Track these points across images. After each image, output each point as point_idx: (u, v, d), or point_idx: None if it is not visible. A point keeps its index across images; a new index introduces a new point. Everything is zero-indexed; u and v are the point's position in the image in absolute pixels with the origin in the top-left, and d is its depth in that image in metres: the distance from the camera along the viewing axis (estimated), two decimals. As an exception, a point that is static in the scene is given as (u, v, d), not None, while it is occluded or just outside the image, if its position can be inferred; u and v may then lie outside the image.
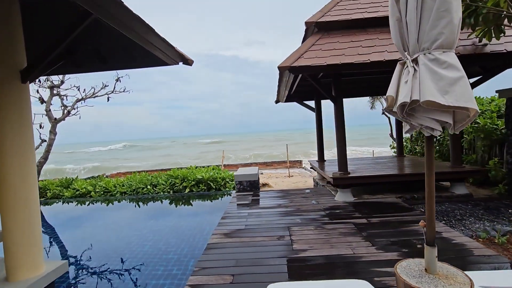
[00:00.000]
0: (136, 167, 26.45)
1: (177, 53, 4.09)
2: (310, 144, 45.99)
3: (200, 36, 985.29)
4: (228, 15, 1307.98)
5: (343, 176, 5.06)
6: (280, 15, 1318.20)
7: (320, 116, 7.47)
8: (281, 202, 5.38)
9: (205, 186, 7.91)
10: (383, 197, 5.18)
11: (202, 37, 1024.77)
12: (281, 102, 8.50)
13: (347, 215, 4.32)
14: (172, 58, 4.09)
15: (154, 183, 8.15)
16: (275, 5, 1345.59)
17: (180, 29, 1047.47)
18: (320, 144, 7.52)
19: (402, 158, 7.24)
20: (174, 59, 4.14)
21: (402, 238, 3.34)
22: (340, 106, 5.17)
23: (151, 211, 6.56)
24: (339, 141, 5.21)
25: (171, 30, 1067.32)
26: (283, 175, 15.16)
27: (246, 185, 6.63)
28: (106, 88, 9.96)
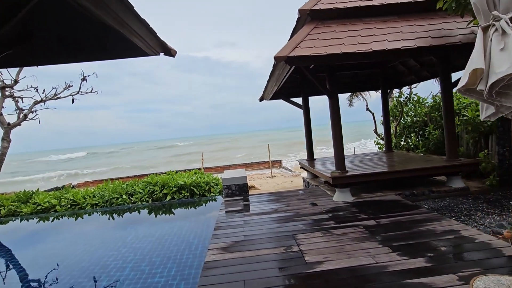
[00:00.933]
0: (102, 175, 24.74)
1: (158, 42, 3.53)
2: (289, 143, 46.27)
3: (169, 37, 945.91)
4: (198, 16, 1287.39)
5: (342, 175, 4.76)
6: (251, 15, 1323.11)
7: (308, 113, 7.18)
8: (276, 206, 4.96)
9: (188, 192, 7.28)
10: (382, 195, 4.95)
11: (171, 38, 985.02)
12: (266, 100, 8.11)
13: (353, 217, 4.00)
14: (153, 47, 3.52)
15: (130, 192, 7.37)
16: (245, 5, 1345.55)
17: None
18: (309, 142, 7.22)
19: (391, 153, 7.15)
20: (154, 48, 3.57)
21: (421, 241, 3.05)
22: (335, 101, 4.87)
23: (129, 225, 5.84)
24: (336, 138, 4.91)
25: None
26: (266, 176, 14.80)
27: (235, 189, 6.13)
28: (70, 88, 8.95)
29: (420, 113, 7.96)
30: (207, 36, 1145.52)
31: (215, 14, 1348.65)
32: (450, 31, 4.06)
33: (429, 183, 5.34)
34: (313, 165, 6.64)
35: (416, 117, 8.22)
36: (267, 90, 6.62)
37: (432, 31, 4.09)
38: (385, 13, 4.45)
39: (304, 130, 7.22)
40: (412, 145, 8.01)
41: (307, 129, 7.19)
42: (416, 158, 5.96)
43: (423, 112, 7.91)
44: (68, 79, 9.23)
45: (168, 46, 3.67)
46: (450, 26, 4.16)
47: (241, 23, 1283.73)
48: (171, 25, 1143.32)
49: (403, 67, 7.32)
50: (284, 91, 8.06)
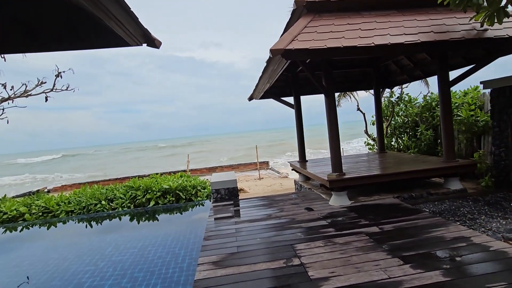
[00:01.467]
0: (75, 179, 23.57)
1: (141, 30, 3.12)
2: (275, 144, 46.15)
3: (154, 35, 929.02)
4: (182, 15, 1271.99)
5: (340, 178, 4.50)
6: (236, 16, 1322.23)
7: (300, 113, 6.91)
8: (270, 212, 4.63)
9: (173, 197, 6.83)
10: (380, 198, 4.73)
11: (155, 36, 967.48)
12: (256, 99, 7.78)
13: (354, 223, 3.73)
14: (134, 36, 3.10)
15: (110, 197, 6.82)
16: (230, 6, 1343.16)
17: None
18: (301, 144, 6.95)
19: (385, 154, 7.00)
20: (136, 37, 3.15)
21: (433, 250, 2.81)
22: (332, 100, 4.61)
23: (108, 235, 5.33)
24: (332, 138, 4.65)
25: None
26: (253, 178, 14.47)
27: (224, 193, 5.75)
28: (43, 85, 8.25)
29: (411, 113, 7.89)
30: (191, 36, 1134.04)
31: (200, 13, 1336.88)
32: (452, 26, 3.90)
33: (426, 185, 5.19)
34: (306, 167, 6.37)
35: (407, 118, 8.14)
36: (258, 88, 6.29)
37: (434, 26, 3.90)
38: (385, 7, 4.24)
39: (296, 131, 6.95)
40: (403, 146, 7.92)
41: (299, 129, 6.92)
42: (411, 159, 5.80)
43: (414, 112, 7.84)
44: (41, 75, 8.52)
45: (152, 35, 3.26)
46: (451, 22, 4.00)
47: (226, 24, 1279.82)
48: (153, 23, 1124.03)
49: (396, 66, 7.21)
50: (275, 90, 7.76)
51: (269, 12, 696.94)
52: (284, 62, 3.87)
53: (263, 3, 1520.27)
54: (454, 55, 5.46)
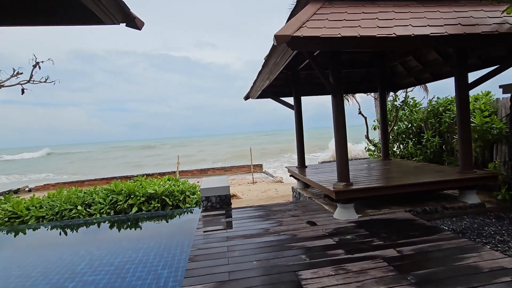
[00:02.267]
0: (59, 179, 22.54)
1: (118, 5, 2.53)
2: (269, 146, 45.59)
3: (148, 34, 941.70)
4: (178, 15, 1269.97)
5: (347, 189, 3.96)
6: (231, 17, 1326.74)
7: (300, 114, 6.38)
8: (267, 226, 4.06)
9: (159, 202, 6.19)
10: (390, 211, 4.22)
11: (149, 36, 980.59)
12: (252, 99, 7.22)
13: (366, 244, 3.19)
14: (110, 12, 2.50)
15: (88, 201, 6.14)
16: (226, 7, 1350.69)
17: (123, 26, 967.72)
18: (300, 148, 6.41)
19: (390, 162, 6.52)
20: (113, 14, 2.55)
21: (474, 286, 2.28)
22: (340, 100, 4.09)
23: (81, 247, 4.66)
24: (339, 143, 4.12)
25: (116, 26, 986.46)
26: (246, 182, 13.88)
27: (215, 201, 5.15)
28: (19, 76, 7.51)
29: (416, 119, 7.45)
30: (186, 36, 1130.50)
31: (195, 13, 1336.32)
32: (481, 19, 3.43)
33: (439, 198, 4.70)
34: (305, 174, 5.83)
35: (411, 123, 7.71)
36: (255, 86, 5.73)
37: (460, 18, 3.43)
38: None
39: (296, 134, 6.41)
40: (407, 153, 7.47)
41: (299, 132, 6.38)
42: (420, 168, 5.32)
43: (419, 117, 7.40)
44: (17, 65, 7.77)
45: (133, 13, 2.67)
46: (479, 15, 3.54)
47: (222, 25, 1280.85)
48: (149, 22, 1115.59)
49: (402, 68, 6.76)
50: (273, 89, 7.22)
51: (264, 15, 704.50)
52: (289, 54, 3.33)
53: (258, 5, 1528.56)
54: (469, 55, 5.02)
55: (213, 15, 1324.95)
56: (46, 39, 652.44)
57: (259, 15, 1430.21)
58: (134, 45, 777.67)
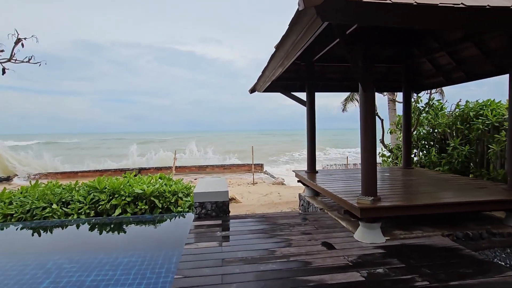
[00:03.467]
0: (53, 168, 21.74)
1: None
2: (270, 145, 44.72)
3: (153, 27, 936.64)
4: (186, 10, 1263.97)
5: (375, 206, 3.17)
6: (238, 15, 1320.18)
7: (313, 112, 5.58)
8: (272, 246, 3.27)
9: (147, 204, 5.42)
10: (423, 235, 3.43)
11: (155, 29, 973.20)
12: (258, 92, 6.42)
13: (407, 284, 2.40)
14: None
15: (66, 199, 5.36)
16: (233, 4, 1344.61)
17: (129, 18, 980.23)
18: (311, 149, 5.62)
19: (412, 171, 5.72)
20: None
21: None
22: (371, 94, 3.30)
23: (50, 257, 3.86)
24: (367, 149, 3.33)
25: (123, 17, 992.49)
26: (246, 182, 13.10)
27: (211, 208, 4.37)
28: (1, 54, 6.70)
29: (440, 124, 6.65)
30: (193, 31, 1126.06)
31: (203, 9, 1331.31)
32: None
33: (480, 219, 3.91)
34: (315, 179, 5.05)
35: (434, 128, 6.91)
36: (264, 76, 4.94)
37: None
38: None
39: (307, 133, 5.61)
40: (428, 161, 6.67)
41: (310, 132, 5.59)
42: (454, 182, 4.54)
43: (444, 122, 6.60)
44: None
45: None
46: None
47: (228, 22, 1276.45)
48: (157, 15, 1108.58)
49: (431, 65, 5.95)
50: (282, 82, 6.42)
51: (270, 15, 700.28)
52: (316, 28, 2.52)
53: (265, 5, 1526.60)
54: None
55: (220, 11, 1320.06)
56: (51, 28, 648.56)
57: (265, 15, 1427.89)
58: (139, 37, 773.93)
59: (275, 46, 4.98)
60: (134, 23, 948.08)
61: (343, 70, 6.73)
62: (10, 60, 6.62)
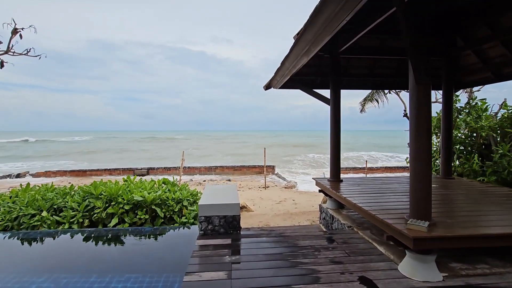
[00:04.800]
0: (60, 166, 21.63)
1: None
2: (280, 146, 43.86)
3: (165, 27, 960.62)
4: (199, 10, 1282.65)
5: (434, 235, 2.42)
6: (250, 16, 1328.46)
7: (338, 112, 4.83)
8: (295, 280, 2.56)
9: (147, 213, 4.81)
10: (492, 271, 2.64)
11: (167, 29, 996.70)
12: (274, 88, 5.72)
13: None
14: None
15: (58, 205, 4.81)
16: (246, 5, 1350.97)
17: (143, 17, 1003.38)
18: (335, 155, 4.87)
19: (454, 182, 4.88)
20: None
21: None
22: (427, 89, 2.55)
23: (30, 281, 3.28)
24: (419, 157, 2.58)
25: (134, 16, 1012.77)
26: (257, 185, 12.40)
27: (219, 223, 3.70)
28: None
29: (484, 127, 5.77)
30: (204, 30, 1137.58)
31: (214, 9, 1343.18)
32: None
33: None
34: (340, 190, 4.31)
35: (475, 132, 6.03)
36: (284, 68, 4.23)
37: None
38: None
39: (330, 137, 4.87)
40: (468, 170, 5.80)
41: (335, 136, 4.84)
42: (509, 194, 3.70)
43: (487, 125, 5.72)
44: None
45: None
46: None
47: (240, 22, 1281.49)
48: (169, 14, 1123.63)
49: (477, 58, 5.10)
50: (301, 78, 5.71)
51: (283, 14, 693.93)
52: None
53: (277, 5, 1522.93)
54: None
55: (232, 11, 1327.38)
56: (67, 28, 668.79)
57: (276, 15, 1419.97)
58: (152, 36, 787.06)
59: (294, 37, 4.25)
60: (147, 22, 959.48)
61: (368, 65, 5.96)
62: (7, 52, 6.16)
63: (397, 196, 3.82)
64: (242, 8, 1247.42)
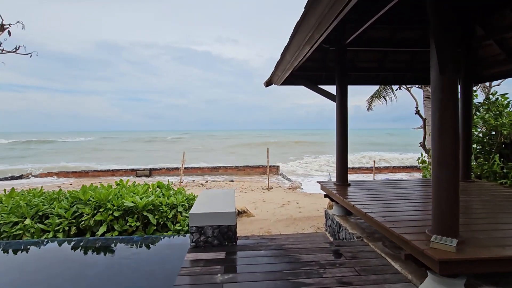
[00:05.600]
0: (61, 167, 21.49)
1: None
2: (284, 145, 43.35)
3: (171, 28, 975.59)
4: (203, 10, 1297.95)
5: (464, 258, 2.00)
6: (255, 15, 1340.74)
7: (344, 109, 4.41)
8: (297, 307, 2.17)
9: (139, 220, 4.46)
10: (531, 296, 2.21)
11: (173, 29, 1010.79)
12: (276, 85, 5.31)
13: None
14: None
15: (44, 211, 4.49)
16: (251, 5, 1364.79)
17: (148, 19, 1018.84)
18: (342, 157, 4.45)
19: (475, 186, 4.42)
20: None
21: None
22: (452, 82, 2.13)
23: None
24: (444, 162, 2.16)
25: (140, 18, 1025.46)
26: (261, 186, 12.00)
27: (212, 234, 3.32)
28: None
29: (505, 124, 5.28)
30: (209, 30, 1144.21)
31: (219, 9, 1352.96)
32: None
33: None
34: (347, 195, 3.91)
35: (494, 130, 5.54)
36: (284, 61, 3.82)
37: None
38: None
39: (336, 136, 4.45)
40: (488, 171, 5.32)
41: (341, 136, 4.42)
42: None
43: (511, 123, 5.24)
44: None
45: None
46: None
47: (244, 21, 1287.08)
48: (174, 16, 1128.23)
49: (499, 48, 4.61)
50: (305, 73, 5.30)
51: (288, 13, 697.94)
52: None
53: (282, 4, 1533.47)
54: None
55: (236, 11, 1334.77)
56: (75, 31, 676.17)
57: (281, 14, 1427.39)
58: (157, 37, 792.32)
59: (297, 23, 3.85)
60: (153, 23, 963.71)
61: (378, 58, 5.51)
62: (-5, 49, 5.86)
63: (414, 204, 3.39)
64: (247, 8, 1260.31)
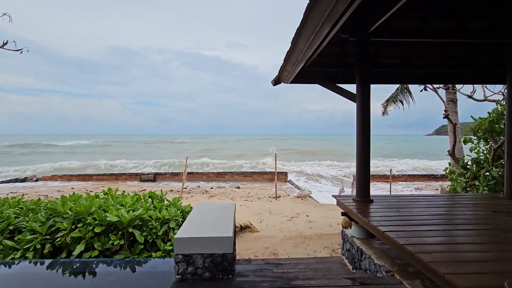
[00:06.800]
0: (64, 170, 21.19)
1: None
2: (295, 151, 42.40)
3: (182, 33, 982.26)
4: (213, 15, 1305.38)
5: None
6: (265, 21, 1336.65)
7: (367, 111, 3.69)
8: None
9: (124, 237, 3.83)
10: None
11: (184, 35, 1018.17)
12: (285, 83, 4.64)
13: None
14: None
15: (16, 225, 3.91)
16: (260, 11, 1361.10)
17: (161, 24, 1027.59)
18: (363, 168, 3.72)
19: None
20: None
21: None
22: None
23: None
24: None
25: (153, 23, 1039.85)
26: (268, 195, 11.27)
27: (203, 265, 2.63)
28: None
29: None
30: (219, 36, 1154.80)
31: (229, 14, 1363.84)
32: None
33: None
34: (369, 214, 3.17)
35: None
36: (294, 54, 3.16)
37: None
38: None
39: (357, 145, 3.73)
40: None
41: (363, 143, 3.69)
42: None
43: None
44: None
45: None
46: None
47: (254, 27, 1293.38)
48: (186, 21, 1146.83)
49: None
50: (318, 70, 4.62)
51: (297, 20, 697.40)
52: None
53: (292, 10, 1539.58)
54: None
55: (246, 16, 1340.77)
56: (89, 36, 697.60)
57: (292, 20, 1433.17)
58: (169, 43, 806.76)
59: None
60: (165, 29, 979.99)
61: (405, 54, 4.79)
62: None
63: (465, 231, 2.64)
64: (257, 14, 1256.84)
